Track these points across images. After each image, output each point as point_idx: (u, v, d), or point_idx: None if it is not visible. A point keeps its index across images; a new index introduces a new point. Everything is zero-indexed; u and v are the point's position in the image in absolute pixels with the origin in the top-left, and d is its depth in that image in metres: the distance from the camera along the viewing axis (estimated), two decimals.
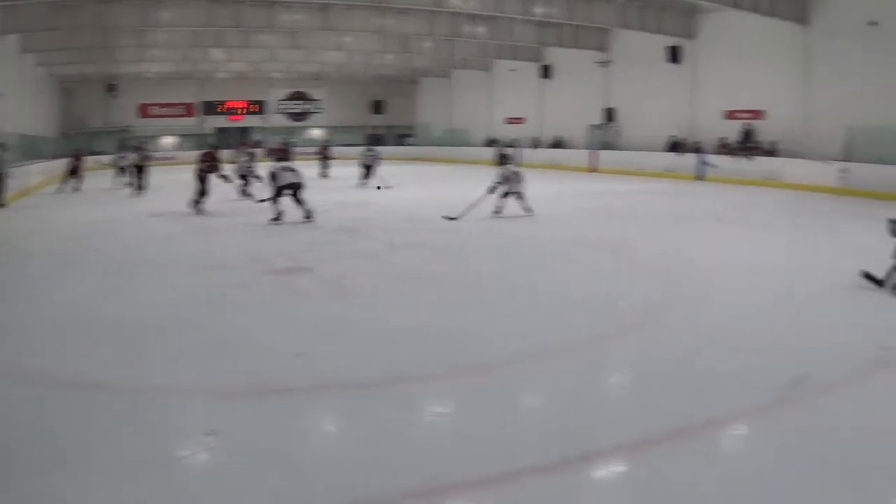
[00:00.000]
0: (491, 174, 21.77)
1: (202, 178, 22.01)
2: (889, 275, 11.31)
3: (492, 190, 19.98)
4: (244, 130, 59.16)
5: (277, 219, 18.92)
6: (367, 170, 31.36)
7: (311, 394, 7.14)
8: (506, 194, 20.02)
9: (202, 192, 21.88)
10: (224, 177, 23.00)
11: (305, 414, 6.79)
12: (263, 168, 24.42)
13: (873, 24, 29.21)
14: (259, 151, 31.76)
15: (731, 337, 8.91)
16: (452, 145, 56.05)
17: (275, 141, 49.32)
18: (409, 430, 6.24)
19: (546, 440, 5.97)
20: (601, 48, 43.23)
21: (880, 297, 10.99)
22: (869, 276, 11.68)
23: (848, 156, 28.46)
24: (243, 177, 25.88)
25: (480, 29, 40.33)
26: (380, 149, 36.42)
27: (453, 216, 19.11)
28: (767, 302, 10.87)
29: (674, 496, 5.11)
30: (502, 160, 20.38)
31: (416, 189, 30.39)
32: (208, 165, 22.34)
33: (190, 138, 57.12)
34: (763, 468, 5.48)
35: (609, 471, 5.62)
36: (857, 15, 29.72)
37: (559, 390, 7.30)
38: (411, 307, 10.58)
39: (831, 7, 31.17)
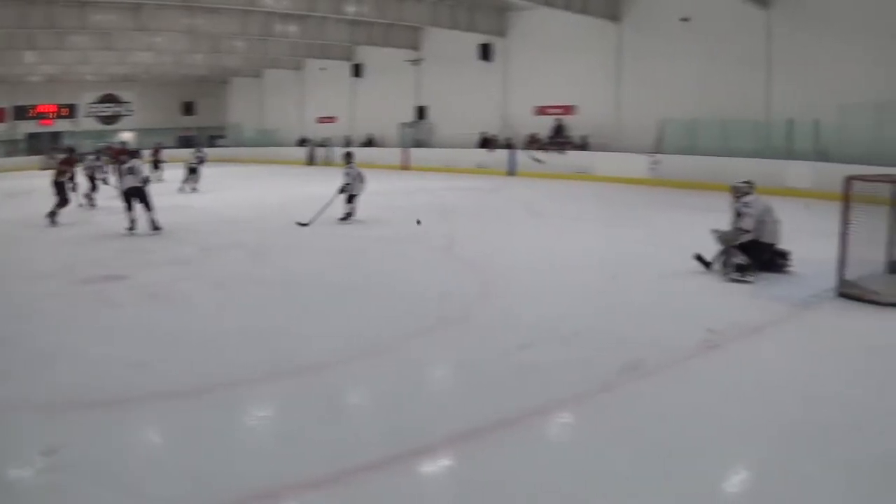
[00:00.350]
0: (301, 173, 20.93)
1: (60, 186, 19.53)
2: (716, 259, 11.85)
3: (341, 191, 18.70)
4: (55, 135, 55.32)
5: (132, 228, 17.15)
6: (193, 172, 29.32)
7: (135, 405, 6.70)
8: (351, 197, 18.77)
9: (62, 203, 19.41)
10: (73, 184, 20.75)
11: (133, 426, 6.37)
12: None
13: (685, 19, 29.76)
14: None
15: (555, 328, 8.89)
16: (264, 146, 53.84)
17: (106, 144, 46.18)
18: (236, 436, 6.12)
19: (375, 437, 5.96)
20: (413, 46, 42.48)
21: (704, 282, 11.38)
22: (700, 259, 12.08)
23: (659, 148, 28.83)
24: (92, 181, 23.70)
25: (292, 28, 38.86)
26: (207, 150, 34.72)
27: (305, 222, 17.91)
28: (591, 292, 11.00)
29: (503, 487, 5.10)
30: (347, 159, 18.91)
31: (230, 191, 29.07)
32: (66, 172, 20.03)
33: (1, 144, 53.40)
34: (588, 455, 5.58)
35: (439, 465, 5.59)
36: (668, 11, 30.19)
37: (385, 387, 7.24)
38: (229, 311, 10.28)
39: (643, 4, 31.50)
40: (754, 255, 11.64)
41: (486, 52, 38.37)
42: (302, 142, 49.73)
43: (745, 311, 9.76)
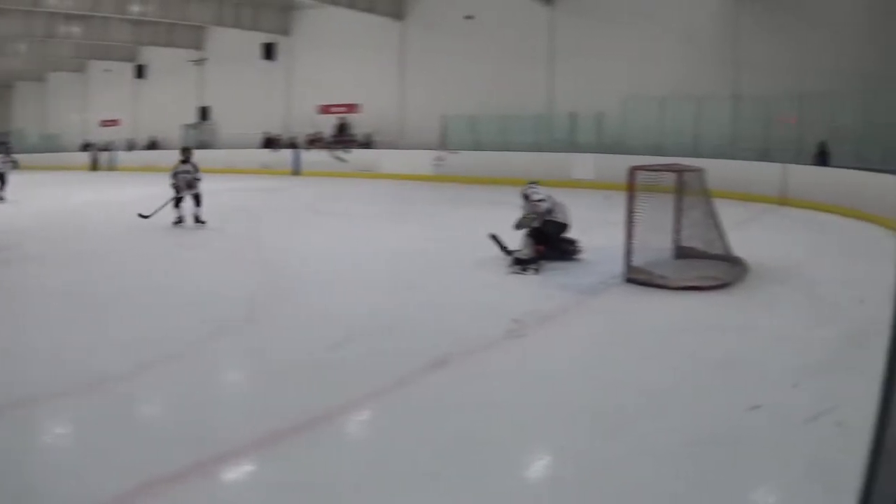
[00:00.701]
0: (86, 179, 19.35)
1: None
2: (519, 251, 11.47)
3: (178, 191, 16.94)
4: None
5: None
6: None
7: None
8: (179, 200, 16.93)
9: None
10: None
11: None
12: None
13: (469, 17, 29.79)
14: None
15: (358, 326, 8.37)
16: (48, 151, 50.23)
17: None
18: (33, 455, 5.40)
19: (177, 446, 5.35)
20: (196, 46, 40.54)
21: (498, 274, 11.06)
22: (496, 240, 12.01)
23: (443, 145, 29.01)
24: None
25: (76, 29, 36.43)
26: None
27: (146, 214, 16.47)
28: (392, 290, 10.49)
29: (309, 488, 4.79)
30: (184, 153, 16.94)
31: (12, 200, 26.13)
32: None
33: None
34: (393, 450, 5.29)
35: (243, 470, 5.17)
36: (452, 9, 30.42)
37: (182, 394, 6.65)
38: (18, 326, 8.92)
39: (427, 2, 31.66)
40: (551, 236, 11.59)
41: (269, 52, 37.17)
42: (85, 146, 46.38)
43: (539, 301, 9.53)
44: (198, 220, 16.41)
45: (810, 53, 21.08)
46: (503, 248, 11.88)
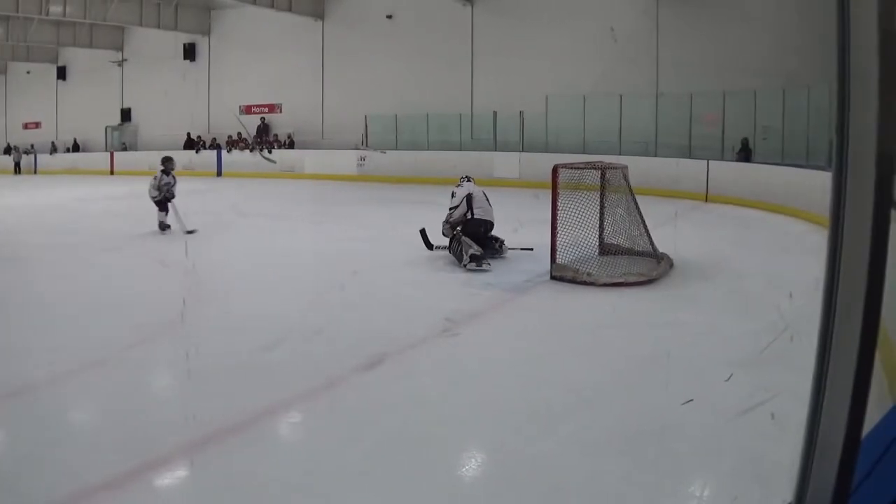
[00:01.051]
0: (9, 183, 18.77)
1: None
2: (450, 250, 11.59)
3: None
4: None
5: None
6: None
7: None
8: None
9: None
10: None
11: None
12: None
13: (390, 17, 29.69)
14: None
15: (289, 328, 8.22)
16: None
17: None
18: None
19: (105, 454, 5.16)
20: (117, 47, 39.44)
21: (425, 273, 11.15)
22: (424, 234, 12.20)
23: (366, 144, 28.68)
24: None
25: None
26: None
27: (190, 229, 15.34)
28: (316, 288, 10.45)
29: (242, 491, 4.67)
30: (167, 164, 16.22)
31: None
32: None
33: None
34: (325, 451, 5.22)
35: (176, 475, 5.01)
36: (373, 8, 30.17)
37: (110, 401, 6.36)
38: None
39: (347, 1, 31.27)
40: (471, 233, 11.50)
41: (190, 52, 36.29)
42: (7, 150, 45.61)
43: (466, 299, 9.52)
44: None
45: (732, 51, 20.74)
46: (428, 244, 12.04)
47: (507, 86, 26.02)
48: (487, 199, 11.99)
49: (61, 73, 43.28)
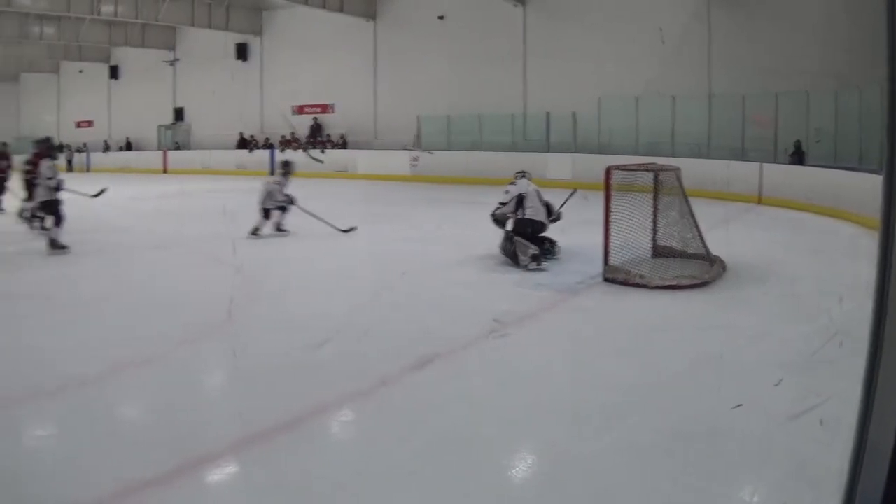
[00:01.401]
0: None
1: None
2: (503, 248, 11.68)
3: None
4: None
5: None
6: None
7: None
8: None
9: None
10: None
11: None
12: None
13: (441, 17, 29.80)
14: None
15: (342, 328, 8.21)
16: (22, 153, 49.80)
17: None
18: (14, 461, 5.18)
19: (157, 450, 5.20)
20: (169, 47, 39.97)
21: (478, 273, 11.13)
22: (497, 219, 12.04)
23: (418, 145, 28.78)
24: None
25: (48, 30, 35.82)
26: None
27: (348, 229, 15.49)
28: (376, 291, 10.28)
29: (294, 489, 4.69)
30: (287, 168, 16.28)
31: None
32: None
33: None
34: (376, 450, 5.24)
35: (227, 472, 5.04)
36: (424, 9, 30.26)
37: (161, 397, 6.44)
38: None
39: (399, 2, 31.38)
40: (519, 232, 11.59)
41: (242, 52, 36.71)
42: (60, 147, 46.14)
43: (518, 300, 9.53)
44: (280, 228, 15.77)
45: (784, 53, 20.71)
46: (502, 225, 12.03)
47: (560, 86, 26.00)
48: (541, 199, 11.94)
49: (114, 73, 43.98)
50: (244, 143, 35.71)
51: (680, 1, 24.12)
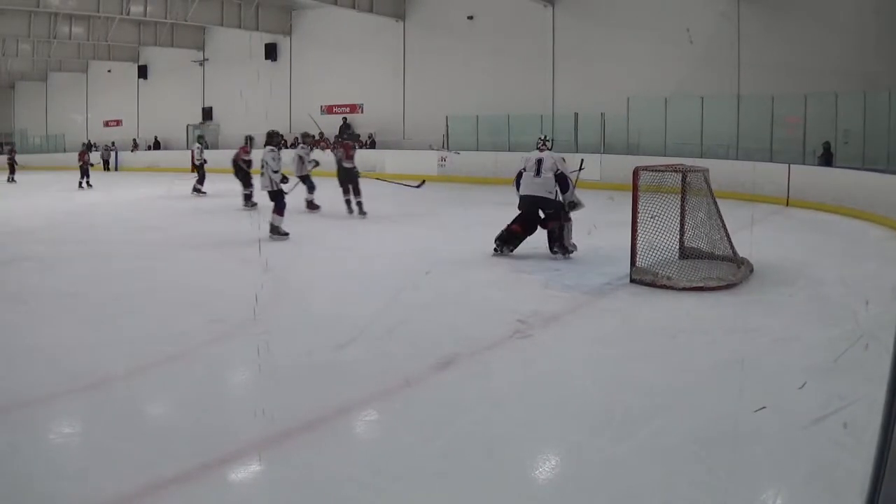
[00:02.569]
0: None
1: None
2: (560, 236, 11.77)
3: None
4: None
5: None
6: None
7: None
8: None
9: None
10: None
11: None
12: None
13: (470, 17, 30.26)
14: None
15: (366, 327, 8.16)
16: (50, 152, 50.03)
17: None
18: (41, 455, 5.23)
19: (180, 448, 5.26)
20: (198, 46, 40.63)
21: (504, 273, 11.13)
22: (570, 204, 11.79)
23: (447, 145, 28.93)
24: None
25: (77, 29, 36.47)
26: None
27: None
28: (392, 288, 10.32)
29: (318, 487, 4.74)
30: (305, 140, 17.55)
31: (15, 199, 26.08)
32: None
33: None
34: (400, 450, 5.23)
35: (250, 470, 5.05)
36: (453, 9, 30.60)
37: (186, 395, 6.53)
38: (22, 326, 8.89)
39: (428, 2, 31.75)
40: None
41: (271, 52, 37.24)
42: (90, 146, 46.50)
43: (544, 301, 9.41)
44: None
45: (813, 54, 20.96)
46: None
47: (588, 87, 26.25)
48: (539, 169, 11.67)
49: (142, 72, 44.72)
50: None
51: (709, 1, 24.22)
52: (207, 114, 41.09)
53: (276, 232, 14.22)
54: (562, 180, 11.69)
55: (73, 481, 4.83)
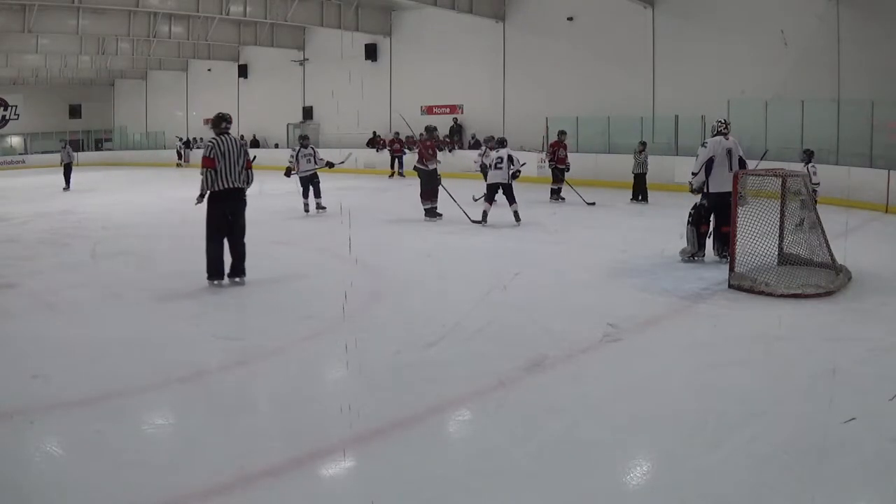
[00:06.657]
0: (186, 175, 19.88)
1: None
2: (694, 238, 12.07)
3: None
4: None
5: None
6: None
7: (33, 416, 6.10)
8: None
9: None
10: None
11: (33, 437, 5.81)
12: None
13: (570, 19, 30.59)
14: None
15: (457, 326, 8.54)
16: (150, 148, 52.04)
17: None
18: (135, 445, 5.59)
19: (273, 441, 5.65)
20: (298, 46, 41.87)
21: (598, 277, 11.38)
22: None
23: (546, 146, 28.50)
24: None
25: (178, 29, 37.86)
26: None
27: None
28: (492, 290, 10.46)
29: (408, 485, 4.88)
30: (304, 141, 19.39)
31: (115, 195, 27.71)
32: None
33: None
34: (490, 451, 5.40)
35: (341, 466, 5.27)
36: (553, 10, 30.79)
37: (280, 390, 6.96)
38: (118, 318, 9.46)
39: (528, 3, 31.98)
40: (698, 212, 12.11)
41: (371, 52, 37.98)
42: (188, 143, 47.95)
43: (640, 305, 9.70)
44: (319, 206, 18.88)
45: None
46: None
47: (688, 89, 26.34)
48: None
49: (242, 72, 45.99)
50: (373, 142, 36.92)
51: (808, 3, 24.21)
52: (308, 113, 42.17)
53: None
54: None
55: (165, 473, 5.11)
